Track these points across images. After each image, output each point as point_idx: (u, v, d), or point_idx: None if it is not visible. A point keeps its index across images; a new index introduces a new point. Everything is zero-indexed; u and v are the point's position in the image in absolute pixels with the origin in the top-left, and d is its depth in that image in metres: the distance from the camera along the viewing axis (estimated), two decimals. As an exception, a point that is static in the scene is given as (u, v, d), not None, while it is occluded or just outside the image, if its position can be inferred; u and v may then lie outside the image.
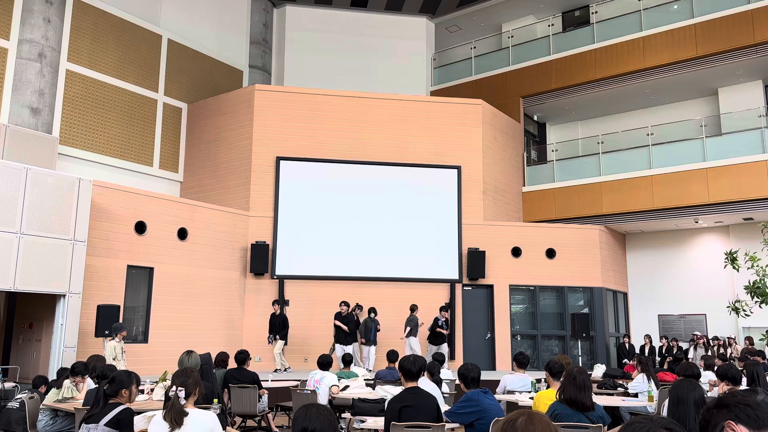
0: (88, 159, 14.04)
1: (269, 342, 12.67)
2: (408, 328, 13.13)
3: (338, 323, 12.76)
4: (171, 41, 16.21)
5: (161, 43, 15.99)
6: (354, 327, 12.92)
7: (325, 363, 8.24)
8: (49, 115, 13.10)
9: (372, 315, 13.29)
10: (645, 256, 17.60)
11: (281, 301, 13.25)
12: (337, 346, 12.69)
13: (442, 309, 13.53)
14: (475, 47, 19.29)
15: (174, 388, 4.09)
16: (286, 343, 12.70)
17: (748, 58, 15.37)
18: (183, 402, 4.06)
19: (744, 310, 13.47)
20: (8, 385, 9.14)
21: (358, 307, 13.39)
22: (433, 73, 19.69)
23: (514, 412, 2.04)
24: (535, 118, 19.55)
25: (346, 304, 13.02)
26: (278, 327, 12.66)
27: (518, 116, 17.93)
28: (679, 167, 15.17)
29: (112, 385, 4.35)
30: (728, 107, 16.52)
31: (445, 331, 13.30)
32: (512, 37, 18.67)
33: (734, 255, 13.58)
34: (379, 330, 13.17)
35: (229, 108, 15.40)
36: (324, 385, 7.91)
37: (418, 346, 12.98)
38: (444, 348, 13.23)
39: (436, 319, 13.34)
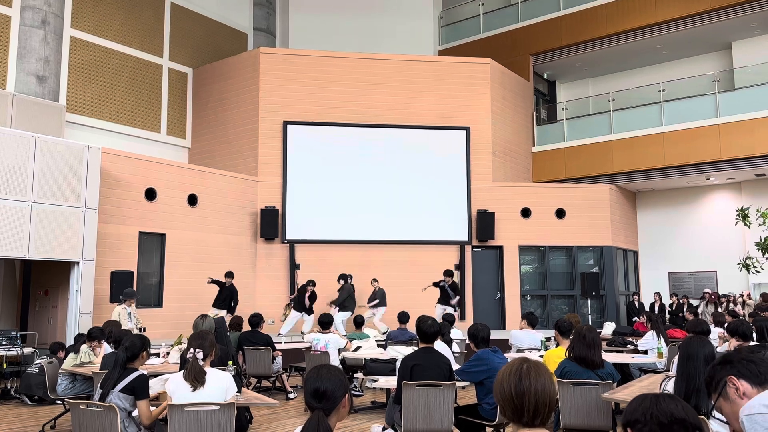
0: (96, 126, 14.03)
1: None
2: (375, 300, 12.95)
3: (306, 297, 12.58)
4: (174, 5, 16.00)
5: (164, 7, 15.79)
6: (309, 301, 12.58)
7: (326, 322, 8.43)
8: (55, 82, 13.04)
9: (342, 282, 12.93)
10: (656, 214, 17.52)
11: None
12: (294, 313, 12.56)
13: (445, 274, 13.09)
14: (483, 4, 18.90)
15: (192, 350, 4.22)
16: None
17: (763, 10, 14.99)
18: (201, 363, 4.20)
19: (755, 266, 13.47)
20: (27, 350, 9.34)
21: (344, 277, 13.01)
22: (441, 32, 19.37)
23: (514, 360, 2.11)
24: (545, 76, 19.26)
25: (313, 283, 12.63)
26: (227, 298, 11.94)
27: (528, 75, 17.67)
28: (691, 124, 14.98)
29: (129, 349, 4.44)
30: (742, 61, 16.19)
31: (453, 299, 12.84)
32: (521, -8, 18.28)
33: (746, 211, 13.51)
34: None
35: (234, 72, 15.28)
36: (331, 349, 8.05)
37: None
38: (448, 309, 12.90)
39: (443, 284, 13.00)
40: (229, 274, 12.07)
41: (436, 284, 13.03)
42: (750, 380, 2.13)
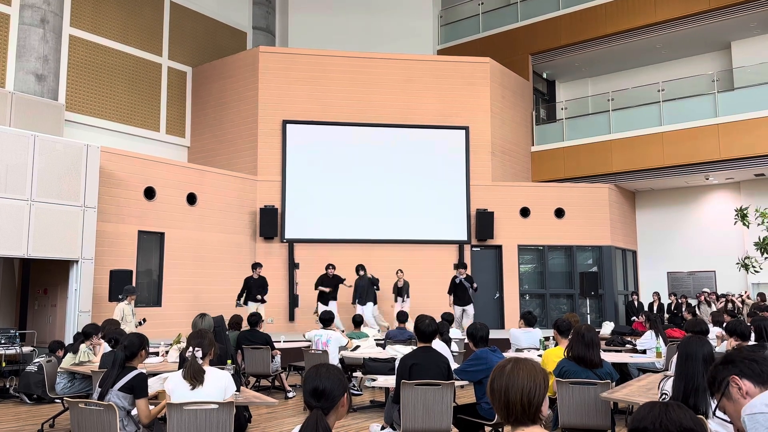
0: (95, 125, 14.02)
1: (238, 305, 12.18)
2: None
3: (321, 288, 12.69)
4: (173, 3, 15.99)
5: (164, 5, 15.78)
6: (334, 289, 12.75)
7: (327, 319, 8.47)
8: (54, 81, 13.03)
9: (361, 273, 13.03)
10: (655, 213, 17.52)
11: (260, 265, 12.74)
12: (319, 305, 12.64)
13: (456, 267, 13.23)
14: (482, 3, 18.90)
15: (191, 348, 4.22)
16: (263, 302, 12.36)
17: (762, 9, 15.00)
18: (200, 361, 4.20)
19: (753, 266, 13.48)
20: (26, 349, 9.34)
21: (361, 268, 13.16)
22: (440, 31, 19.36)
23: (504, 360, 2.16)
24: (545, 75, 19.26)
25: (333, 266, 12.86)
26: (255, 290, 12.27)
27: (527, 74, 17.67)
28: (690, 123, 14.98)
29: (128, 348, 4.44)
30: (741, 61, 16.19)
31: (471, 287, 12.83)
32: (520, -8, 18.29)
33: (745, 211, 13.53)
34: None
35: (233, 71, 15.27)
36: (332, 346, 8.06)
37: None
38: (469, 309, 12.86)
39: (454, 278, 12.98)
40: (257, 265, 12.40)
41: (452, 282, 12.94)
42: (753, 380, 2.14)
